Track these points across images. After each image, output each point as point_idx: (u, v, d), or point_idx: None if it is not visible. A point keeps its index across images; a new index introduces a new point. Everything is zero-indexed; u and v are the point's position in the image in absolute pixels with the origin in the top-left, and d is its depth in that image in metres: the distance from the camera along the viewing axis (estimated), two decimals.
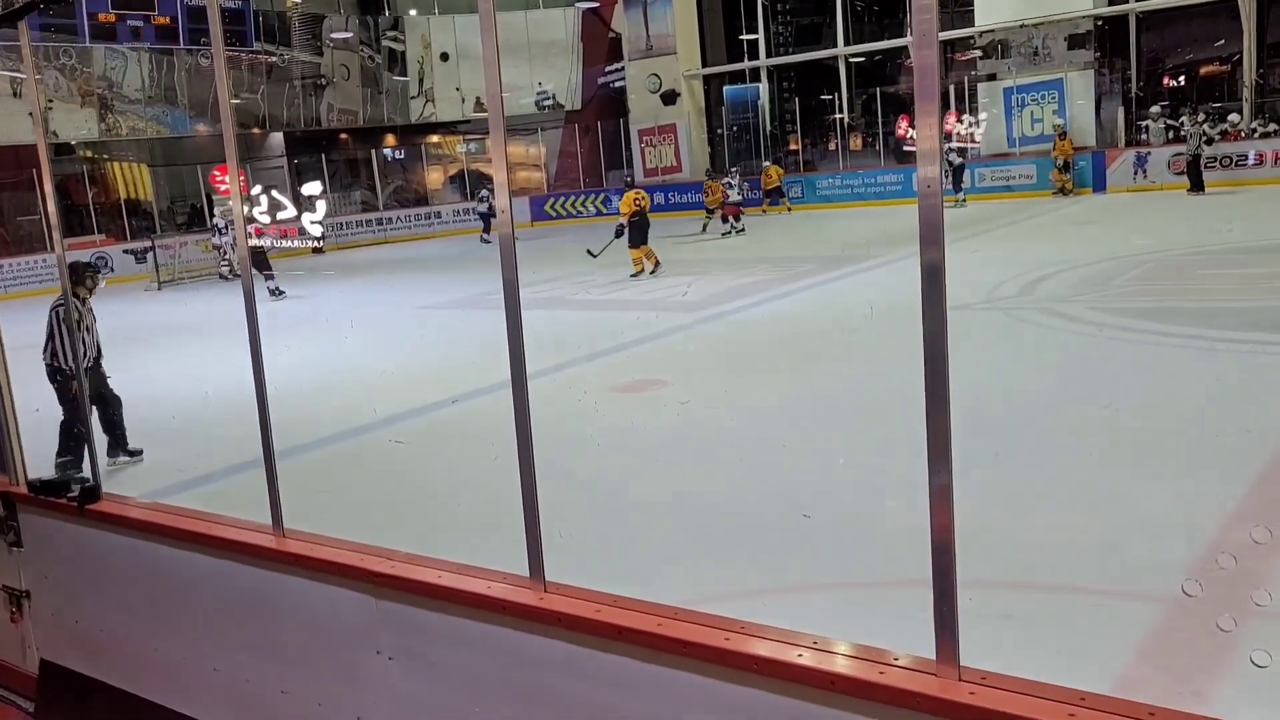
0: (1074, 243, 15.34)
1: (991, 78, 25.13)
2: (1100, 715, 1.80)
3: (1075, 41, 24.10)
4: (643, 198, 16.37)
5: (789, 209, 25.46)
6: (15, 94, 22.78)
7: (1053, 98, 24.09)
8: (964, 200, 22.74)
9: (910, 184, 24.51)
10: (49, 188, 3.91)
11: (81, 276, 7.38)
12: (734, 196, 22.51)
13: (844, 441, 6.93)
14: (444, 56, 31.19)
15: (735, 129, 29.97)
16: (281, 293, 17.51)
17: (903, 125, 23.01)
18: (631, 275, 16.00)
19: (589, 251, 17.63)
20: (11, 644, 4.35)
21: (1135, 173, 22.29)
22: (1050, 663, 2.17)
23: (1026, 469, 5.98)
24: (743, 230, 22.00)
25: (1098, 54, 24.12)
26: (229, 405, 8.95)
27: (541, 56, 29.83)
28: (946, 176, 23.66)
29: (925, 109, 1.97)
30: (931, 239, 1.94)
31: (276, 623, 3.27)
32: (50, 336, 7.26)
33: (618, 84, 31.39)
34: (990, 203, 22.42)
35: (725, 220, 22.11)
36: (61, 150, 26.39)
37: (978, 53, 25.10)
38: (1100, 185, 22.71)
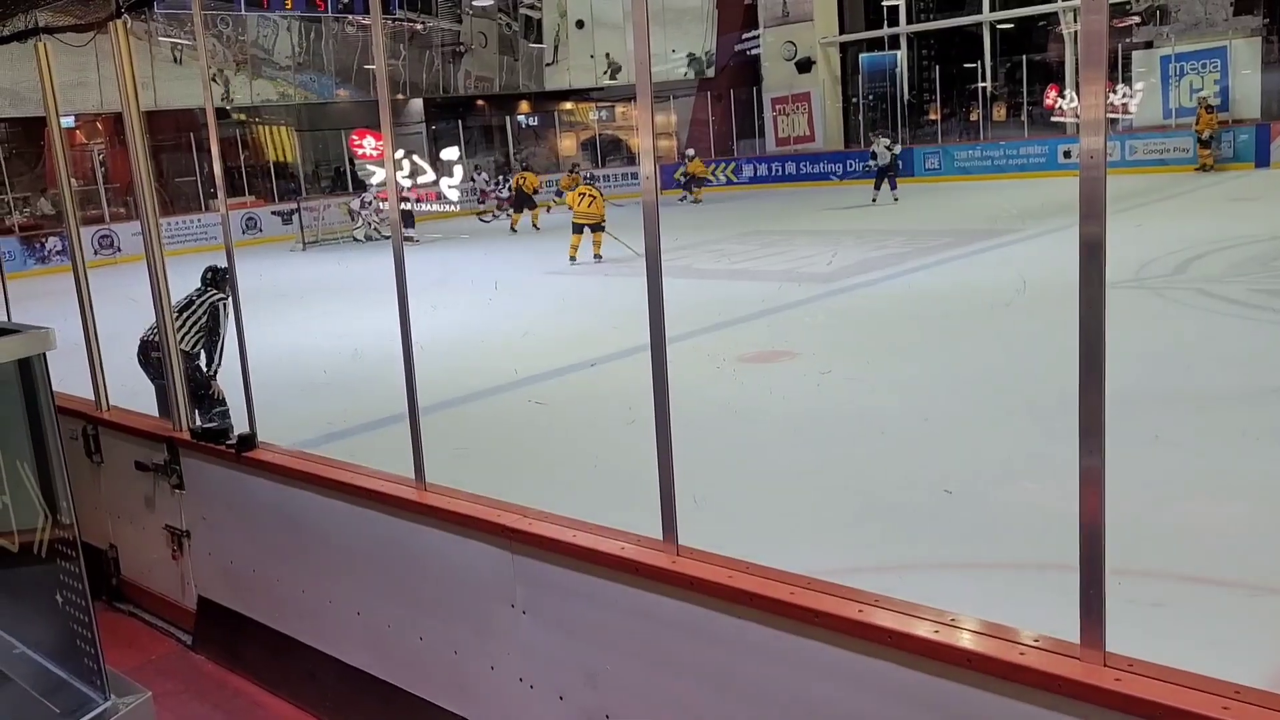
0: (1232, 221, 14.48)
1: (1148, 45, 23.82)
2: (1258, 711, 1.73)
3: (1242, 6, 22.63)
4: None
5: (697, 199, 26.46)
6: (176, 60, 23.92)
7: (1214, 66, 22.71)
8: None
9: (1055, 156, 23.68)
10: (216, 149, 4.11)
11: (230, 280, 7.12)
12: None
13: (987, 418, 6.75)
14: (579, 24, 31.36)
15: (871, 98, 29.26)
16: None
17: (1051, 95, 22.07)
18: None
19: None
20: (173, 580, 4.65)
21: None
22: (1201, 655, 2.09)
23: (1181, 454, 5.71)
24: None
25: (1266, 20, 22.59)
26: (375, 362, 9.31)
27: (676, 23, 29.66)
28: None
29: (1091, 76, 1.90)
30: (1092, 213, 1.89)
31: (416, 572, 3.41)
32: (208, 330, 6.77)
33: (753, 51, 31.01)
34: (1143, 177, 21.37)
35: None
36: (217, 114, 27.59)
37: (1135, 19, 23.79)
38: (1263, 160, 21.36)
